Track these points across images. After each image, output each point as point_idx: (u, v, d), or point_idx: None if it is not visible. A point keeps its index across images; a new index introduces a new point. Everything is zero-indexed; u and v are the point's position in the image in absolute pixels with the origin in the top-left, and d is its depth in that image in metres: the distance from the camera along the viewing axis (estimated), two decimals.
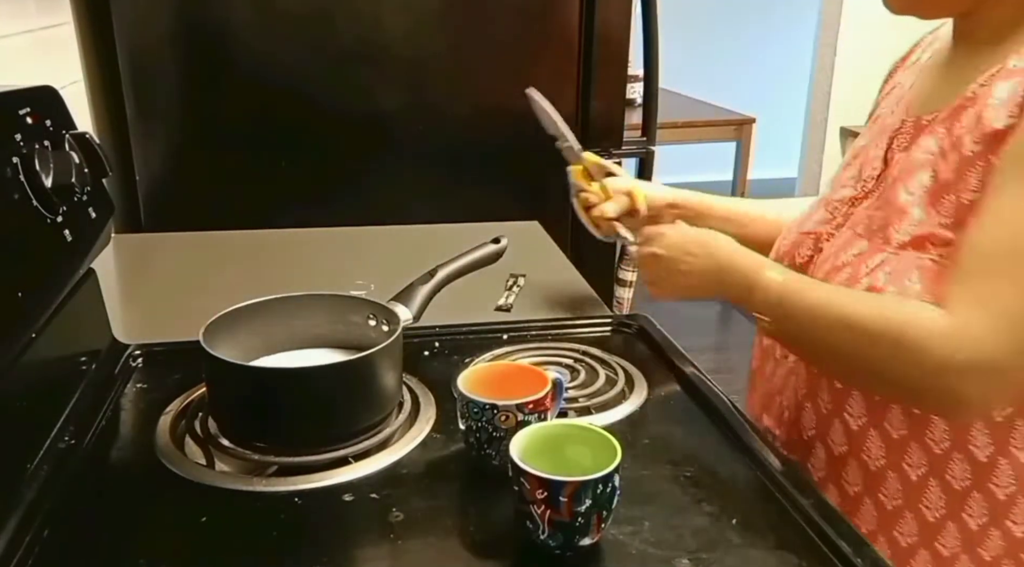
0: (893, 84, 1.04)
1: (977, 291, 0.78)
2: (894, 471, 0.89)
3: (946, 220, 0.82)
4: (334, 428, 0.87)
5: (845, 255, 0.91)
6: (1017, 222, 0.77)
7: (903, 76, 1.03)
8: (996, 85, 0.81)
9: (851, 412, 0.91)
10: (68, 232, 0.90)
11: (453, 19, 1.79)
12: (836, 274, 0.90)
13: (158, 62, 1.69)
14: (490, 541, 0.75)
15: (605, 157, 1.36)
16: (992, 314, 0.76)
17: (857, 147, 1.01)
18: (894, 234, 0.86)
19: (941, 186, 0.83)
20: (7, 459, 0.79)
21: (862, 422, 0.90)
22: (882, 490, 0.90)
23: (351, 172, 1.82)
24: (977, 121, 0.81)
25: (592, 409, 0.96)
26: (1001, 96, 0.80)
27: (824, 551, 0.74)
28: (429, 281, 1.05)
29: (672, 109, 3.21)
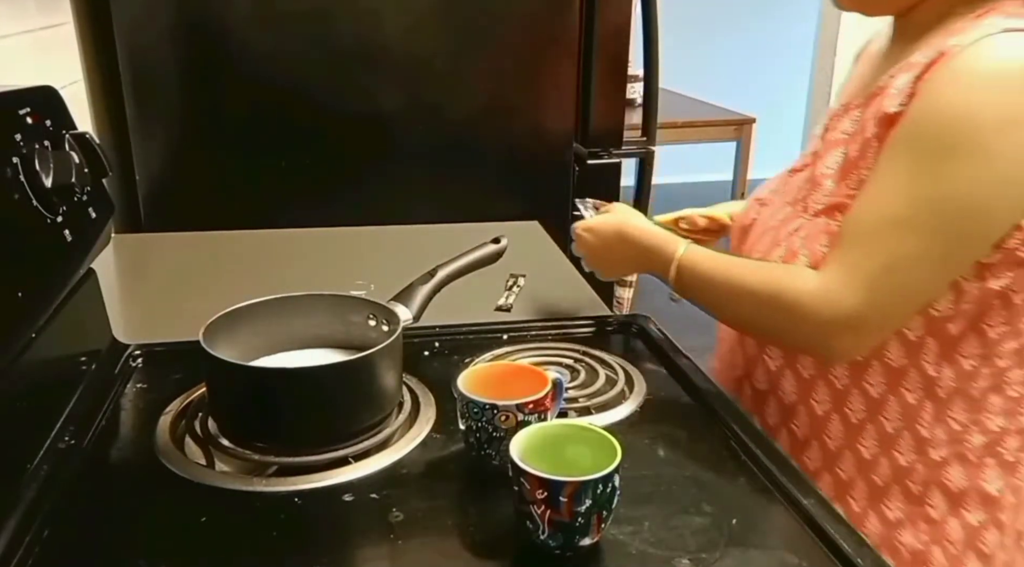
0: (851, 74, 1.14)
1: (845, 257, 0.88)
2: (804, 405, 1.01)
3: (852, 192, 0.92)
4: (334, 428, 0.87)
5: (773, 220, 1.03)
6: (884, 197, 0.87)
7: (857, 67, 1.13)
8: (899, 76, 0.90)
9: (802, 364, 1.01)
10: (68, 232, 0.90)
11: (453, 19, 1.79)
12: (764, 237, 1.02)
13: (158, 62, 1.69)
14: (490, 541, 0.75)
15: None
16: (853, 276, 0.87)
17: (813, 133, 1.11)
18: (812, 203, 0.98)
19: (850, 163, 0.94)
20: (7, 459, 0.79)
21: (779, 363, 1.03)
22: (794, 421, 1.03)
23: (351, 172, 1.82)
24: (879, 107, 0.91)
25: (592, 409, 0.96)
26: (899, 86, 0.89)
27: (824, 551, 0.74)
28: (429, 281, 1.05)
29: (672, 109, 3.21)
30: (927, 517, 0.97)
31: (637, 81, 2.16)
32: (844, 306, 0.87)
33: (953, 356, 0.92)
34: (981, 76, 0.82)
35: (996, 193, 0.83)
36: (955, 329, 0.91)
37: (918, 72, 0.87)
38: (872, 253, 0.87)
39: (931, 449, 0.95)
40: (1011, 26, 0.83)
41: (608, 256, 1.13)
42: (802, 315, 0.89)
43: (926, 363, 0.93)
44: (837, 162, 0.96)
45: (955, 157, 0.83)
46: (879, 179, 0.88)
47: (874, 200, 0.88)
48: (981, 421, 0.94)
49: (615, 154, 1.95)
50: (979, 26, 0.85)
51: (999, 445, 0.95)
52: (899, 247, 0.86)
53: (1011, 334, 0.91)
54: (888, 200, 0.86)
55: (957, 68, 0.83)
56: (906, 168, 0.86)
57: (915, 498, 0.97)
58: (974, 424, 0.94)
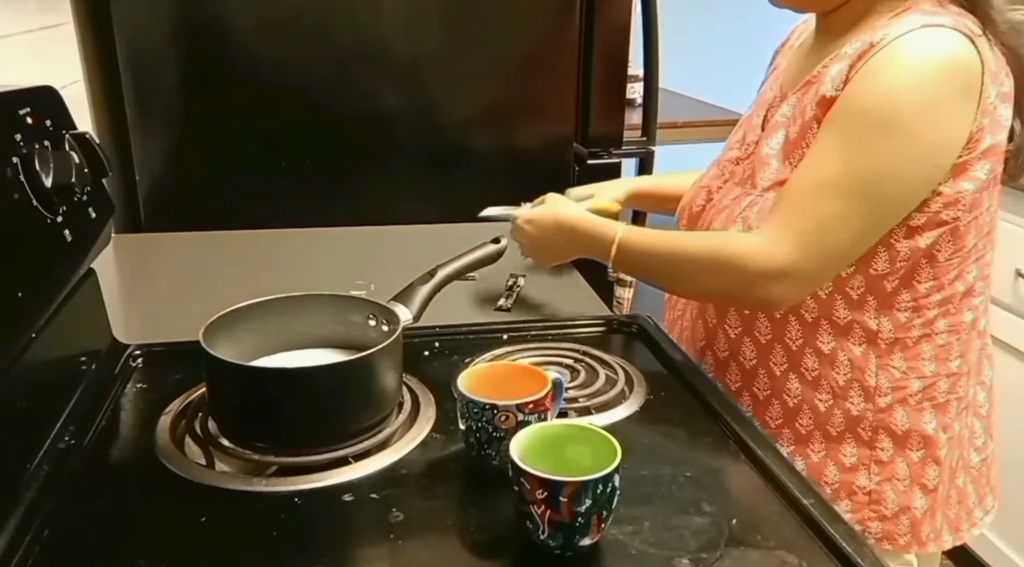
0: (775, 66, 1.25)
1: (780, 216, 1.00)
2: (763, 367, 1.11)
3: (795, 168, 1.03)
4: (334, 428, 0.87)
5: (725, 201, 1.11)
6: (816, 165, 0.99)
7: (782, 59, 1.24)
8: (832, 66, 1.03)
9: (729, 323, 1.13)
10: (68, 232, 0.90)
11: (453, 19, 1.79)
12: (718, 215, 1.11)
13: (158, 62, 1.69)
14: (490, 541, 0.75)
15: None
16: (785, 232, 0.99)
17: (743, 118, 1.22)
18: (760, 181, 1.08)
19: (791, 143, 1.05)
20: (7, 459, 0.79)
21: (738, 331, 1.12)
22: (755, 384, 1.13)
23: (351, 172, 1.82)
24: (816, 93, 1.02)
25: (592, 409, 0.96)
26: (833, 74, 1.01)
27: (824, 551, 0.74)
28: (429, 281, 1.05)
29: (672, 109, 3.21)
30: (877, 459, 1.08)
31: (637, 81, 2.16)
32: (778, 258, 0.98)
33: (890, 310, 1.04)
34: (904, 66, 0.95)
35: (913, 164, 0.96)
36: (890, 286, 1.03)
37: (851, 62, 0.99)
38: (804, 212, 0.98)
39: (878, 397, 1.06)
40: (929, 22, 0.95)
41: (549, 243, 1.21)
42: (743, 268, 1.00)
43: (867, 318, 1.04)
44: (779, 143, 1.07)
45: (880, 133, 0.95)
46: (814, 151, 1.00)
47: (808, 168, 1.00)
48: (917, 367, 1.06)
49: (615, 154, 1.95)
50: (901, 22, 0.97)
51: (932, 389, 1.07)
52: (828, 208, 0.97)
53: (936, 287, 1.04)
54: (820, 168, 0.98)
55: (884, 59, 0.95)
56: (837, 142, 0.98)
57: (866, 443, 1.08)
58: (911, 370, 1.06)
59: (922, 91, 0.94)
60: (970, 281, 1.05)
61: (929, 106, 0.94)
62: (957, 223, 1.00)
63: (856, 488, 1.08)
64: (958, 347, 1.07)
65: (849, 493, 1.09)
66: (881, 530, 1.09)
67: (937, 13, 0.97)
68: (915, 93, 0.94)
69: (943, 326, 1.06)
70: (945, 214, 0.99)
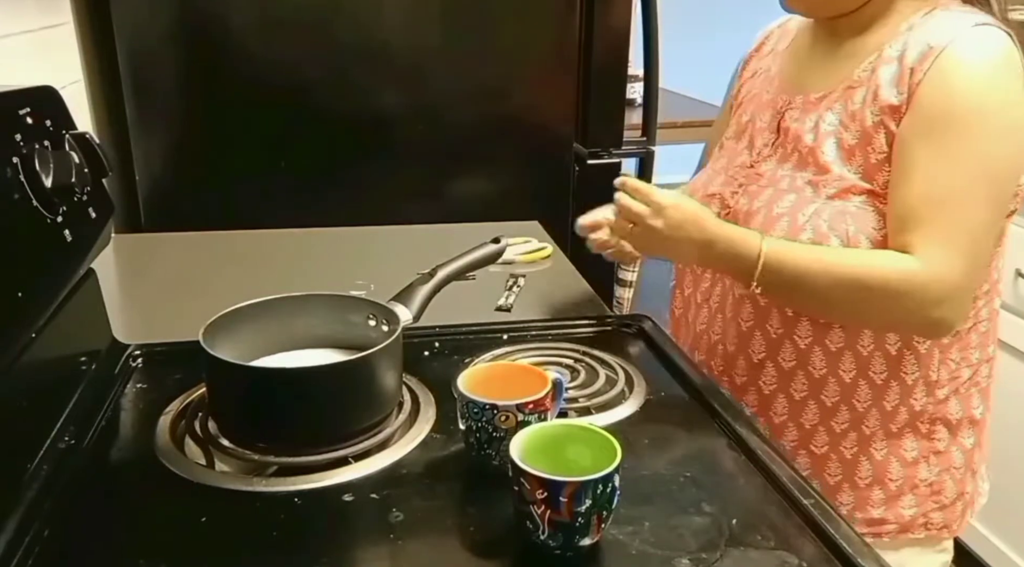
0: (753, 70, 1.24)
1: (933, 236, 0.97)
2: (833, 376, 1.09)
3: (858, 175, 1.03)
4: (334, 428, 0.87)
5: (778, 207, 1.07)
6: (938, 177, 0.97)
7: (763, 63, 1.22)
8: (880, 69, 1.02)
9: (799, 334, 1.08)
10: (68, 232, 0.90)
11: (453, 19, 1.79)
12: (775, 223, 1.06)
13: (158, 62, 1.69)
14: (490, 541, 0.75)
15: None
16: (949, 252, 0.96)
17: (742, 122, 1.20)
18: (823, 188, 1.04)
19: (848, 150, 1.04)
20: (7, 459, 0.79)
21: (808, 341, 1.08)
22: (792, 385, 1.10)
23: (351, 172, 1.82)
24: (873, 98, 1.02)
25: (592, 409, 0.96)
26: (887, 78, 1.01)
27: (824, 551, 0.74)
28: (429, 281, 1.05)
29: (672, 109, 3.21)
30: (935, 450, 1.10)
31: (637, 81, 2.16)
32: (949, 281, 0.97)
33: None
34: (979, 65, 0.97)
35: (1017, 156, 0.99)
36: None
37: (910, 66, 0.99)
38: (957, 228, 0.97)
39: (937, 390, 1.08)
40: (979, 21, 0.98)
41: (675, 236, 1.02)
42: (914, 296, 0.97)
43: None
44: (834, 150, 1.05)
45: (982, 134, 0.96)
46: (918, 163, 0.98)
47: (926, 181, 0.97)
48: (967, 357, 1.09)
49: (615, 154, 1.95)
50: (943, 20, 1.00)
51: (977, 375, 1.10)
52: (974, 218, 0.97)
53: (986, 277, 1.06)
54: (940, 178, 0.97)
55: (955, 61, 0.96)
56: (940, 149, 0.97)
57: (924, 435, 1.09)
58: (963, 360, 1.09)
59: (1001, 86, 0.97)
60: (999, 267, 1.08)
61: (1012, 99, 0.97)
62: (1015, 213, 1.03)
63: (918, 481, 1.10)
64: (993, 332, 1.11)
65: (912, 487, 1.10)
66: (942, 520, 1.11)
67: (967, 11, 1.00)
68: (993, 90, 0.97)
69: (984, 314, 1.08)
70: (1013, 204, 1.02)
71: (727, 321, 1.15)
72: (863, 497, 1.11)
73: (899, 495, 1.10)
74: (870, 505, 1.11)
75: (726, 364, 1.16)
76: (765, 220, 1.07)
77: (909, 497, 1.10)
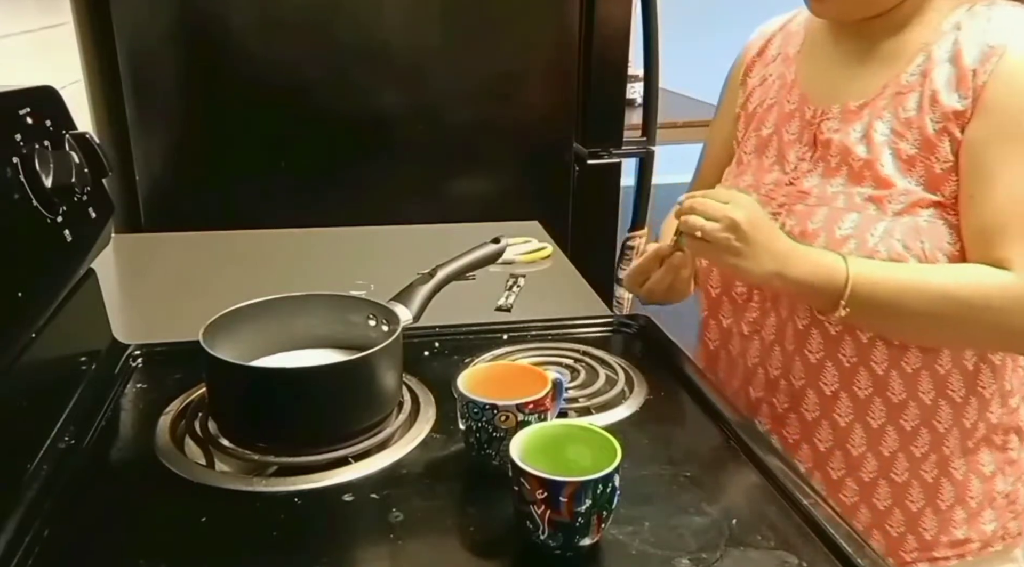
0: (762, 77, 1.16)
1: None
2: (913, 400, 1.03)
3: (922, 186, 0.97)
4: (334, 428, 0.87)
5: (840, 229, 1.00)
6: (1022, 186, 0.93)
7: (772, 69, 1.15)
8: (933, 72, 0.97)
9: (875, 360, 1.02)
10: (68, 232, 0.90)
11: (453, 19, 1.79)
12: (840, 246, 0.99)
13: (158, 62, 1.69)
14: (490, 541, 0.75)
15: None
16: None
17: (763, 136, 1.12)
18: (888, 204, 0.98)
19: (907, 161, 0.98)
20: (7, 459, 0.79)
21: (884, 366, 1.02)
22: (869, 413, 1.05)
23: (351, 172, 1.82)
24: (932, 104, 0.97)
25: (592, 409, 0.96)
26: (943, 82, 0.96)
27: (824, 551, 0.74)
28: (429, 281, 1.05)
29: (672, 109, 3.21)
30: (1010, 460, 1.07)
31: (637, 81, 2.16)
32: None
33: None
34: None
35: None
36: None
37: (972, 66, 0.94)
38: None
39: (1010, 399, 1.05)
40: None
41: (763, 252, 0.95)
42: (1017, 312, 0.93)
43: None
44: (891, 162, 0.99)
45: None
46: (1003, 172, 0.93)
47: (1017, 189, 0.93)
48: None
49: (615, 154, 1.95)
50: (995, 18, 0.96)
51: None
52: None
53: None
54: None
55: (1019, 60, 0.93)
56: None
57: (999, 447, 1.06)
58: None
59: None
60: None
61: None
62: None
63: (996, 494, 1.07)
64: None
65: (990, 501, 1.07)
66: (1017, 528, 1.09)
67: (1014, 5, 0.97)
68: None
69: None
70: None
71: (788, 354, 1.07)
72: (946, 519, 1.06)
73: (979, 511, 1.07)
74: (953, 526, 1.06)
75: (791, 400, 1.08)
76: (828, 243, 0.99)
77: (988, 512, 1.07)
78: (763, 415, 1.11)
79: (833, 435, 1.06)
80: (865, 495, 1.06)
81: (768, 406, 1.10)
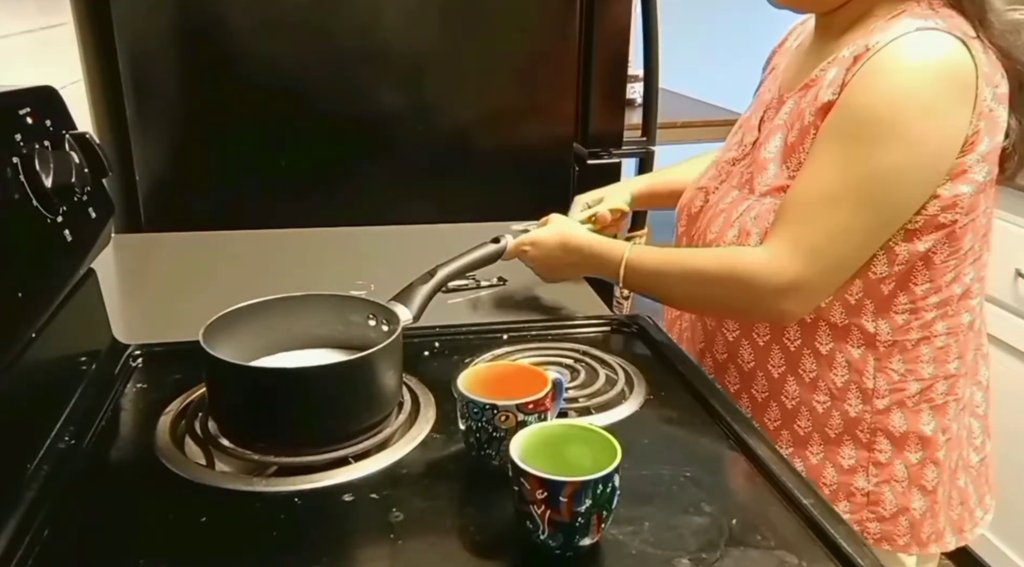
0: (772, 66, 1.25)
1: (787, 231, 1.00)
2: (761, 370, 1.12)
3: (793, 173, 1.04)
4: (334, 428, 0.87)
5: (722, 204, 1.12)
6: (819, 176, 0.99)
7: (779, 59, 1.23)
8: (830, 70, 1.03)
9: (727, 327, 1.14)
10: (68, 232, 0.90)
11: (453, 19, 1.79)
12: (716, 219, 1.11)
13: (158, 62, 1.69)
14: (490, 541, 0.75)
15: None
16: (796, 247, 0.99)
17: (742, 118, 1.22)
18: (758, 185, 1.08)
19: (789, 148, 1.05)
20: (7, 459, 0.79)
21: (736, 334, 1.13)
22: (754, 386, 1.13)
23: (351, 172, 1.82)
24: (815, 98, 1.02)
25: (592, 409, 0.96)
26: (830, 78, 1.01)
27: (824, 551, 0.74)
28: (429, 281, 1.05)
29: (672, 109, 3.21)
30: (876, 461, 1.08)
31: (637, 81, 2.15)
32: (789, 273, 0.99)
33: (887, 313, 1.04)
34: (899, 71, 0.95)
35: (915, 170, 0.96)
36: (887, 289, 1.03)
37: (847, 66, 0.99)
38: (812, 226, 0.99)
39: (876, 399, 1.07)
40: (923, 26, 0.95)
41: (553, 264, 1.21)
42: (754, 285, 1.01)
43: (865, 321, 1.05)
44: (777, 147, 1.07)
45: (880, 141, 0.95)
46: (814, 160, 1.00)
47: (811, 179, 1.00)
48: (916, 370, 1.07)
49: (615, 154, 1.94)
50: (895, 26, 0.97)
51: (930, 391, 1.07)
52: (835, 220, 0.98)
53: (933, 290, 1.04)
54: (823, 179, 0.98)
55: (879, 63, 0.95)
56: (838, 150, 0.98)
57: (864, 444, 1.08)
58: (910, 373, 1.06)
59: (919, 95, 0.94)
60: (967, 283, 1.05)
61: (927, 110, 0.94)
62: (954, 226, 1.00)
63: (854, 489, 1.09)
64: (956, 348, 1.07)
65: (847, 494, 1.09)
66: (880, 531, 1.09)
67: (930, 16, 0.97)
68: (912, 98, 0.94)
69: (941, 328, 1.06)
70: (943, 217, 0.99)
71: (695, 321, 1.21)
72: None
73: (832, 501, 1.07)
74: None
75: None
76: (711, 216, 1.12)
77: (844, 504, 1.09)
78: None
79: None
80: None
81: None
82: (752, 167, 1.10)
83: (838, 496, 1.09)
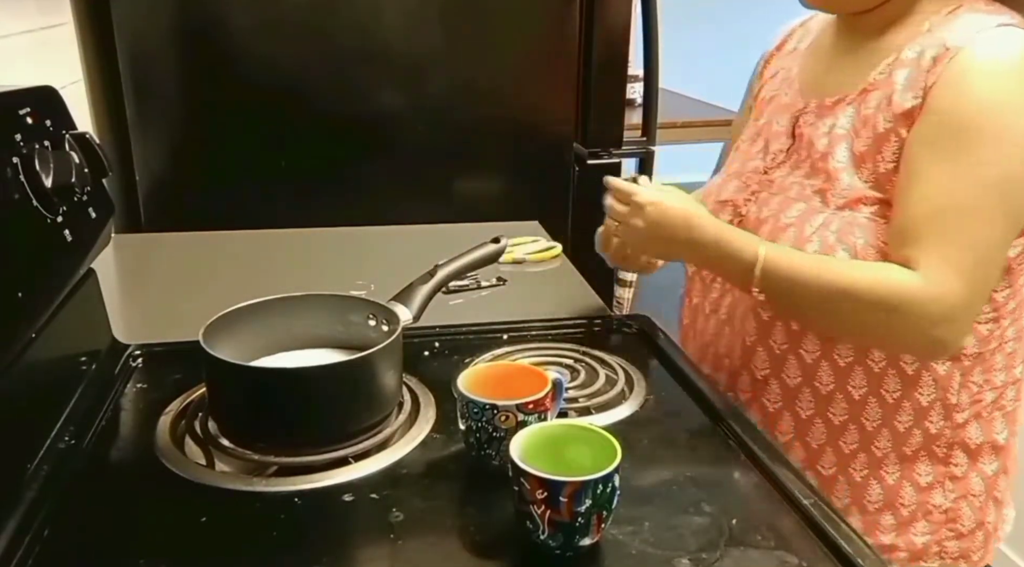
0: (775, 70, 1.19)
1: (938, 253, 0.91)
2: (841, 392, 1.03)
3: (869, 184, 0.98)
4: (334, 428, 0.87)
5: (785, 217, 1.03)
6: (946, 189, 0.91)
7: (784, 62, 1.18)
8: (896, 72, 0.97)
9: (805, 349, 1.04)
10: (68, 232, 0.90)
11: (453, 19, 1.79)
12: (781, 233, 1.02)
13: (158, 62, 1.69)
14: (490, 541, 0.75)
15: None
16: (951, 269, 0.91)
17: (758, 125, 1.15)
18: (831, 198, 1.00)
19: (859, 157, 0.99)
20: (7, 459, 0.79)
21: (815, 356, 1.03)
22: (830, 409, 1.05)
23: (351, 172, 1.82)
24: (887, 103, 0.97)
25: (592, 409, 0.96)
26: (902, 81, 0.96)
27: (824, 551, 0.74)
28: (429, 281, 1.05)
29: (672, 109, 3.21)
30: (952, 476, 1.05)
31: (637, 81, 2.15)
32: (950, 300, 0.91)
33: (974, 325, 0.99)
34: (994, 70, 0.91)
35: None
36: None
37: (925, 68, 0.94)
38: (960, 245, 0.92)
39: (956, 413, 1.03)
40: (1003, 22, 0.92)
41: (663, 236, 1.02)
42: (911, 314, 0.92)
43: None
44: (845, 156, 1.00)
45: (994, 144, 0.90)
46: (929, 172, 0.92)
47: (932, 193, 0.92)
48: (991, 379, 1.03)
49: (615, 154, 1.95)
50: (961, 22, 0.94)
51: (1002, 398, 1.04)
52: (981, 234, 0.92)
53: (1011, 295, 1.00)
54: (948, 192, 0.91)
55: (968, 63, 0.91)
56: (953, 161, 0.91)
57: (940, 460, 1.04)
58: (986, 383, 1.03)
59: (1019, 93, 0.91)
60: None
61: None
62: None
63: (932, 507, 1.05)
64: (1021, 352, 1.04)
65: (925, 513, 1.05)
66: (958, 549, 1.06)
67: (994, 11, 0.94)
68: (1016, 94, 0.91)
69: (1011, 333, 1.02)
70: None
71: (733, 335, 1.10)
72: (872, 522, 1.06)
73: (911, 521, 1.05)
74: (879, 531, 1.06)
75: (730, 380, 1.12)
76: (773, 230, 1.03)
77: (922, 524, 1.05)
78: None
79: (763, 421, 1.07)
80: None
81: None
82: (816, 178, 1.02)
83: (916, 516, 1.05)
